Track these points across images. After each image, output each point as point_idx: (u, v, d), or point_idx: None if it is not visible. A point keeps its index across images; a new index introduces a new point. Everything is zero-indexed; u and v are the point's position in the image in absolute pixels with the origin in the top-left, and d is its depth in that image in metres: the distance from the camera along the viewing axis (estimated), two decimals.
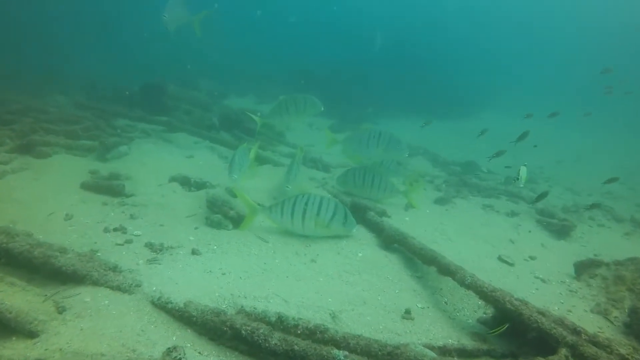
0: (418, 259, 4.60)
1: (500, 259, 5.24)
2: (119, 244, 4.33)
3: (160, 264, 3.99)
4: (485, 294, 3.71)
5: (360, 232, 5.31)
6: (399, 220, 6.06)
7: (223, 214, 5.20)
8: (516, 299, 3.57)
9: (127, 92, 11.38)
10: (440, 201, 7.13)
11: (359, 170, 6.39)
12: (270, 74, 20.77)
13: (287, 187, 5.83)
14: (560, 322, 3.30)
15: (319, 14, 29.92)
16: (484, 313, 4.04)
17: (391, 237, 4.95)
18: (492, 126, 22.05)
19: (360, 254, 4.72)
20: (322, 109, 6.69)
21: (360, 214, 5.59)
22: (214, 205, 5.36)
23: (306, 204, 4.79)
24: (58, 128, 7.35)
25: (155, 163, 7.10)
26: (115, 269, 3.71)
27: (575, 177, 12.90)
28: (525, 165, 6.13)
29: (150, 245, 4.36)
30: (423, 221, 6.19)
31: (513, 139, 7.86)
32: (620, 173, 14.72)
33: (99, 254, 4.06)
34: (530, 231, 6.37)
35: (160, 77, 13.72)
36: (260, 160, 8.01)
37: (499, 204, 7.53)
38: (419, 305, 3.97)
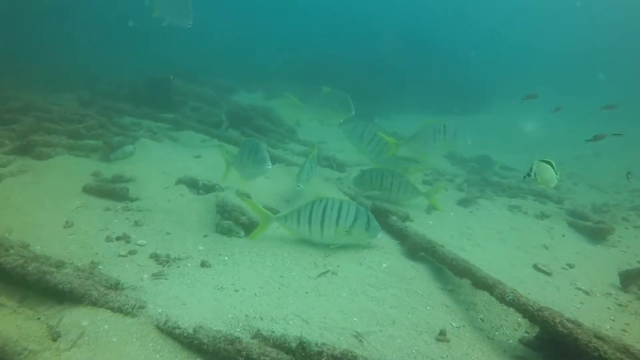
0: (449, 270, 4.20)
1: (536, 267, 4.83)
2: (122, 255, 3.98)
3: (166, 279, 3.63)
4: (531, 314, 3.31)
5: (383, 239, 4.92)
6: (423, 224, 5.67)
7: (234, 220, 4.83)
8: (568, 320, 3.17)
9: (128, 88, 11.04)
10: (463, 202, 6.71)
11: (376, 171, 5.99)
12: (279, 70, 20.39)
13: (299, 186, 5.44)
14: (625, 349, 2.89)
15: (331, 8, 29.43)
16: (526, 332, 3.64)
17: (417, 245, 4.55)
18: (504, 119, 21.60)
19: (384, 265, 4.33)
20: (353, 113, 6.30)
21: (381, 218, 5.18)
22: (224, 210, 4.99)
23: (324, 210, 4.40)
24: (60, 127, 7.03)
25: (162, 164, 6.75)
26: (117, 285, 3.36)
27: (598, 174, 12.38)
28: (545, 162, 5.40)
29: (155, 257, 4.01)
30: (448, 225, 5.78)
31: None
32: None
33: (100, 267, 3.71)
34: (564, 235, 5.93)
35: (167, 72, 13.41)
36: (272, 160, 7.63)
37: (526, 205, 7.09)
38: (454, 324, 3.58)
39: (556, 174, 5.07)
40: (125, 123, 8.52)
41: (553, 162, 5.10)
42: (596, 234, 6.02)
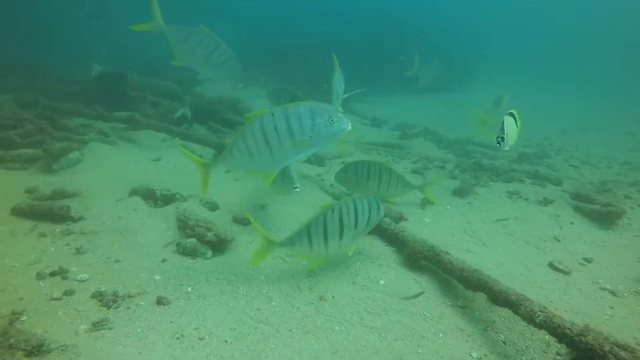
0: (459, 283, 3.56)
1: (552, 266, 4.24)
2: (56, 298, 3.19)
3: (110, 329, 2.87)
4: (571, 339, 2.70)
5: (376, 247, 4.25)
6: (418, 223, 5.03)
7: (198, 237, 4.07)
8: (619, 345, 2.56)
9: (78, 86, 10.03)
10: (459, 192, 6.09)
11: (361, 164, 5.26)
12: (244, 56, 19.39)
13: (296, 188, 4.35)
14: None
15: None
16: (558, 354, 3.03)
17: (417, 252, 3.89)
18: (482, 97, 21.26)
19: (382, 282, 3.66)
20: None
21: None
22: (186, 225, 4.24)
23: (341, 218, 3.56)
24: None
25: (114, 171, 5.91)
26: (40, 348, 2.59)
27: (586, 148, 12.03)
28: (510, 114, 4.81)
29: (99, 296, 3.23)
30: (446, 221, 5.14)
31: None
32: (630, 140, 14.08)
33: (23, 319, 2.92)
34: (572, 223, 5.38)
35: (121, 65, 12.37)
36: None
37: (526, 190, 6.53)
38: (474, 355, 2.94)
39: (517, 125, 4.43)
40: (72, 126, 7.58)
41: (515, 112, 4.48)
42: (605, 218, 5.49)
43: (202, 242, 4.07)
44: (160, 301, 3.22)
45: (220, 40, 4.45)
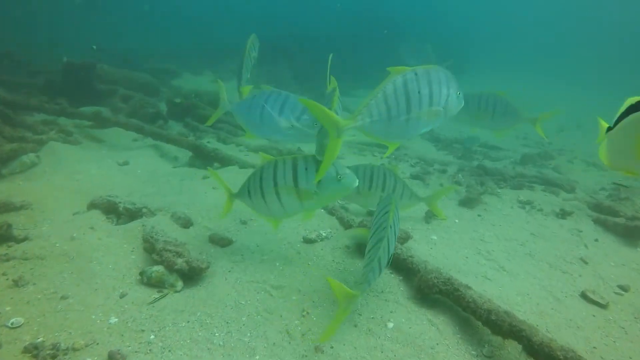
0: (484, 326, 2.96)
1: (585, 297, 3.68)
2: None
3: None
4: None
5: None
6: (425, 242, 4.43)
7: (167, 265, 3.41)
8: None
9: (43, 78, 9.19)
10: (466, 203, 5.52)
11: (362, 170, 4.56)
12: (230, 48, 18.62)
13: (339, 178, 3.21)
14: None
15: None
16: None
17: (431, 285, 3.28)
18: (478, 83, 20.84)
19: (390, 324, 3.04)
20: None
21: None
22: (152, 248, 3.58)
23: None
24: None
25: (73, 178, 5.20)
26: None
27: (586, 146, 11.59)
28: None
29: (34, 350, 2.57)
30: (457, 239, 4.55)
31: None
32: None
33: None
34: (597, 240, 4.84)
35: (93, 56, 11.54)
36: (222, 161, 6.19)
37: (538, 199, 5.98)
38: None
39: None
40: (30, 123, 6.81)
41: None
42: (632, 234, 4.97)
43: (170, 270, 3.41)
44: (112, 357, 2.56)
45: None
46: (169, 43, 19.57)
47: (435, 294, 3.28)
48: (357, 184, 3.11)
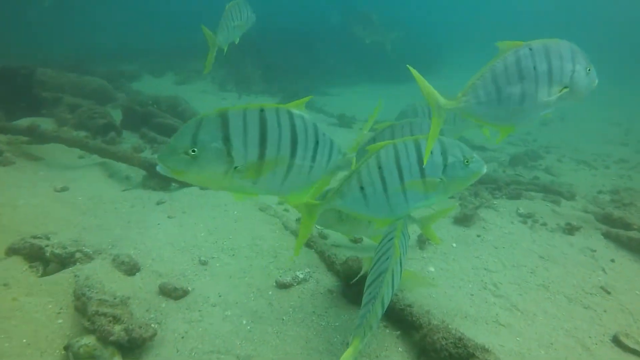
0: None
1: (618, 343, 3.11)
2: None
3: None
4: None
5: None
6: (420, 272, 3.79)
7: (99, 335, 2.67)
8: None
9: None
10: (462, 220, 4.92)
11: None
12: (193, 47, 17.70)
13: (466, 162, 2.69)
14: None
15: None
16: None
17: (439, 349, 2.63)
18: (453, 84, 20.51)
19: None
20: None
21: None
22: (84, 310, 2.83)
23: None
24: None
25: None
26: None
27: (573, 142, 11.24)
28: None
29: None
30: (457, 270, 3.93)
31: None
32: (614, 130, 13.51)
33: None
34: (613, 260, 4.30)
35: (36, 60, 10.53)
36: (181, 181, 5.40)
37: (540, 210, 5.44)
38: None
39: None
40: None
41: None
42: None
43: (105, 343, 2.66)
44: None
45: None
46: (129, 42, 18.51)
47: (444, 358, 2.63)
48: (485, 170, 2.66)
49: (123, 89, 11.49)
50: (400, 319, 2.99)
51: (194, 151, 2.00)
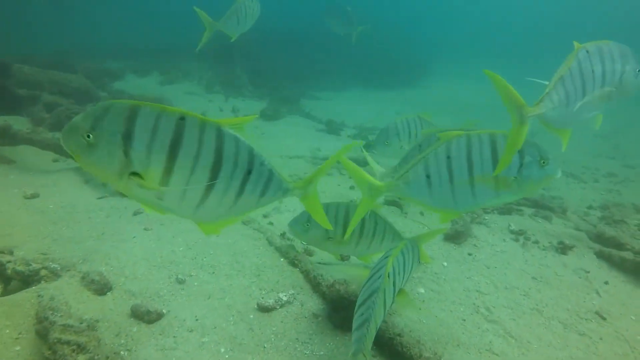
0: None
1: None
2: None
3: None
4: None
5: None
6: (410, 293, 3.62)
7: None
8: None
9: None
10: (454, 237, 4.77)
11: (335, 208, 3.70)
12: (180, 47, 17.40)
13: (542, 163, 2.62)
14: None
15: None
16: None
17: None
18: (441, 92, 20.54)
19: None
20: None
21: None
22: (46, 335, 2.60)
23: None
24: None
25: None
26: None
27: (562, 154, 11.22)
28: None
29: None
30: (449, 292, 3.78)
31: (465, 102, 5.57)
32: (602, 143, 13.57)
33: None
34: (606, 282, 4.19)
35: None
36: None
37: (531, 227, 5.33)
38: None
39: None
40: None
41: None
42: None
43: None
44: None
45: None
46: (115, 40, 18.16)
47: None
48: (560, 174, 2.56)
49: (106, 89, 11.19)
50: (389, 348, 2.81)
51: (88, 136, 1.76)
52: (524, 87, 2.58)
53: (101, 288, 3.26)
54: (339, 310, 3.03)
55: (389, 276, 2.31)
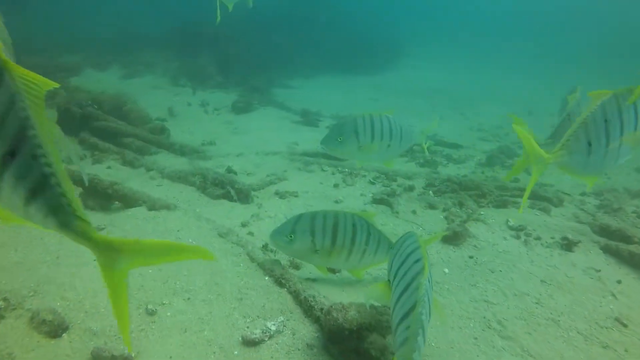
0: None
1: None
2: None
3: None
4: None
5: None
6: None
7: None
8: None
9: None
10: (452, 239, 4.44)
11: (322, 217, 3.31)
12: (140, 36, 16.56)
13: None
14: None
15: None
16: None
17: None
18: (413, 75, 20.30)
19: None
20: None
21: (351, 342, 2.66)
22: None
23: None
24: None
25: None
26: None
27: (545, 137, 11.08)
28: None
29: None
30: (455, 305, 3.44)
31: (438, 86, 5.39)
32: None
33: None
34: (619, 282, 3.93)
35: None
36: (125, 199, 4.69)
37: (531, 221, 5.05)
38: None
39: None
40: None
41: None
42: None
43: None
44: None
45: None
46: (69, 31, 17.17)
47: None
48: None
49: (61, 86, 10.44)
50: None
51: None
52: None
53: (54, 329, 2.78)
54: (338, 342, 2.65)
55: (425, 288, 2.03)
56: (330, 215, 3.27)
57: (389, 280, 2.44)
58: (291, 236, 3.28)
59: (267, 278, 3.44)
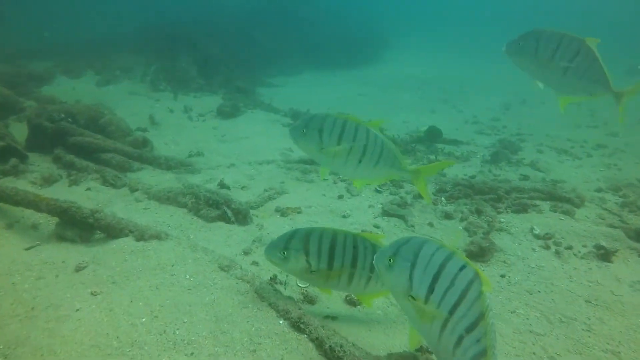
0: None
1: None
2: None
3: None
4: None
5: None
6: None
7: None
8: None
9: None
10: (478, 255, 4.04)
11: (318, 234, 2.85)
12: (114, 39, 15.88)
13: None
14: None
15: None
16: None
17: None
18: (397, 69, 19.98)
19: None
20: None
21: None
22: None
23: None
24: None
25: None
26: None
27: (543, 128, 10.78)
28: None
29: None
30: (498, 339, 3.02)
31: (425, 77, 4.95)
32: (578, 112, 13.29)
33: None
34: None
35: None
36: (107, 229, 4.17)
37: (557, 227, 4.68)
38: None
39: None
40: None
41: None
42: None
43: None
44: None
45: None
46: (39, 36, 16.42)
47: None
48: None
49: (32, 96, 9.76)
50: None
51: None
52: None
53: None
54: None
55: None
56: (327, 234, 2.88)
57: (410, 296, 2.06)
58: (284, 253, 2.89)
59: (281, 322, 2.98)
